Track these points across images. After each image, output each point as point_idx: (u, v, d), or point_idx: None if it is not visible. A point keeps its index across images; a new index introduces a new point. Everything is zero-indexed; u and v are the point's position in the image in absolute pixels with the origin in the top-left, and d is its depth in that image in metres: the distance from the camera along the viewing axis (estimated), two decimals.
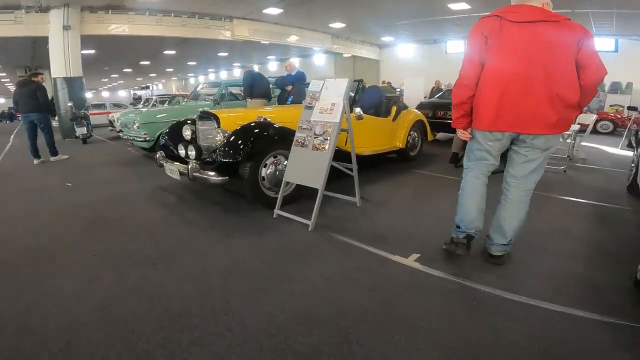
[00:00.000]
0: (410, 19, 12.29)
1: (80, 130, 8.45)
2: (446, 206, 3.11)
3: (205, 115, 3.49)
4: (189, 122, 3.88)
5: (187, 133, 3.75)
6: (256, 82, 6.22)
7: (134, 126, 5.77)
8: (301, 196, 3.31)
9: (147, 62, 20.61)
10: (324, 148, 2.81)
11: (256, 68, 27.25)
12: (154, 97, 12.68)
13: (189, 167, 3.06)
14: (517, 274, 2.12)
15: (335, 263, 2.28)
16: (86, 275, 2.15)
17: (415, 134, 5.30)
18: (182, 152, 3.54)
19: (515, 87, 1.84)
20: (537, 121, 1.85)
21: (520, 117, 1.87)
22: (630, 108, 8.10)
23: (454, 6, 10.22)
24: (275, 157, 3.22)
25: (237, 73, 28.53)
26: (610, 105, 12.24)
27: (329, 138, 2.80)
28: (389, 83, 15.25)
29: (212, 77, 30.55)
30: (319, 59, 20.21)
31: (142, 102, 13.97)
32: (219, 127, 3.33)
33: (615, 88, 12.63)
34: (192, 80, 33.68)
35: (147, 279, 2.11)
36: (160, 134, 5.55)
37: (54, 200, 3.80)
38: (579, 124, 5.65)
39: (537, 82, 1.80)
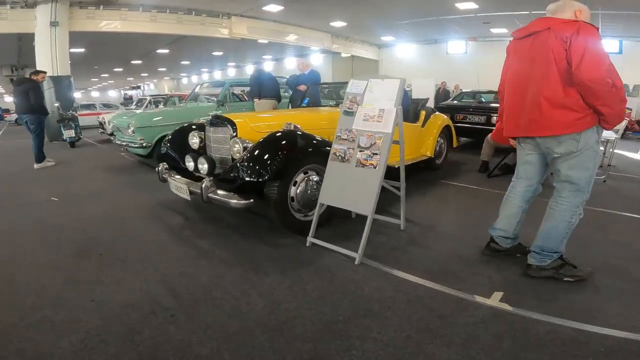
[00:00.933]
0: (414, 18, 11.92)
1: (68, 133, 7.81)
2: None
3: (219, 121, 2.97)
4: (194, 127, 3.38)
5: (194, 141, 3.24)
6: (265, 82, 5.75)
7: (129, 130, 5.20)
8: (333, 216, 2.84)
9: (139, 62, 19.86)
10: (372, 164, 2.33)
11: (252, 68, 26.87)
12: (148, 98, 11.99)
13: (203, 185, 2.53)
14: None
15: (404, 310, 1.81)
16: (82, 333, 1.63)
17: (442, 140, 4.87)
18: (189, 164, 3.02)
19: (514, 98, 2.12)
20: (533, 125, 2.00)
21: (520, 123, 2.07)
22: None
23: (461, 5, 9.88)
24: (305, 172, 2.73)
25: (232, 73, 27.92)
26: None
27: (378, 152, 2.33)
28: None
29: (205, 77, 29.85)
30: (316, 59, 19.71)
31: (134, 103, 13.25)
32: (236, 135, 2.83)
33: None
34: (184, 80, 32.86)
35: (168, 336, 1.61)
36: (159, 140, 5.02)
37: (35, 219, 3.24)
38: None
39: (526, 89, 2.00)
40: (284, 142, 2.54)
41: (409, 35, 15.39)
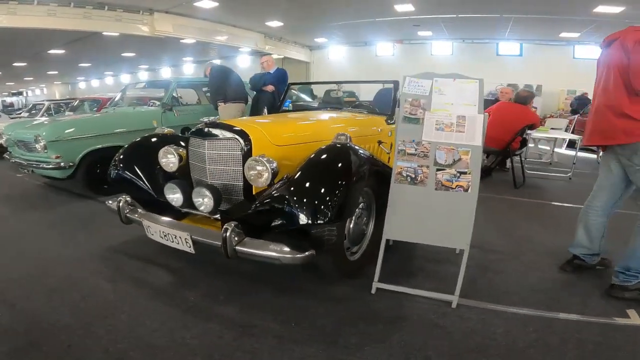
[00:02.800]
0: (351, 19, 11.86)
1: None
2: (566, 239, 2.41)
3: (220, 131, 2.10)
4: (161, 139, 2.54)
5: (169, 160, 2.34)
6: (230, 81, 4.83)
7: (37, 146, 3.79)
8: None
9: (24, 64, 16.27)
10: (461, 187, 1.84)
11: (169, 71, 24.37)
12: (46, 103, 9.36)
13: (227, 235, 1.69)
14: None
15: (558, 350, 1.46)
16: None
17: None
18: (173, 196, 2.09)
19: (591, 107, 2.15)
20: (600, 133, 2.02)
21: (592, 131, 2.08)
22: (573, 112, 8.99)
23: (399, 7, 10.06)
24: None
25: (144, 76, 25.01)
26: None
27: (467, 170, 1.84)
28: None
29: (109, 80, 26.27)
30: (243, 61, 18.60)
31: (25, 110, 10.35)
32: (250, 151, 2.03)
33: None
34: (82, 85, 28.36)
35: None
36: (85, 157, 3.80)
37: None
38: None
39: (600, 99, 2.02)
40: (343, 163, 1.84)
41: (342, 37, 15.44)
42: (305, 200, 1.69)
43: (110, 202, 2.34)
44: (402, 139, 1.98)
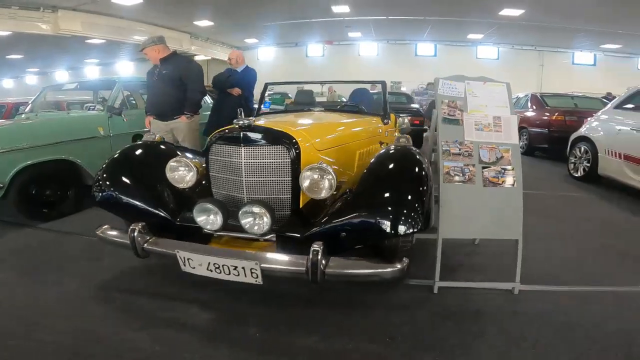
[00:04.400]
0: (286, 19, 11.82)
1: None
2: None
3: (256, 137, 1.84)
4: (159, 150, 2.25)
5: (184, 175, 1.99)
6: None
7: None
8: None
9: None
10: (504, 182, 1.99)
11: (66, 74, 21.15)
12: None
13: (318, 258, 1.50)
14: None
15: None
16: None
17: None
18: (208, 219, 1.77)
19: None
20: None
21: None
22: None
23: (336, 9, 10.35)
24: None
25: (33, 80, 21.49)
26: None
27: (509, 167, 2.00)
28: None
29: None
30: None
31: None
32: (298, 159, 1.84)
33: None
34: None
35: None
36: (17, 174, 2.95)
37: None
38: None
39: None
40: (419, 168, 1.76)
41: (273, 38, 15.28)
42: (395, 209, 1.62)
43: (104, 232, 1.93)
44: (445, 140, 2.06)
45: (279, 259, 1.64)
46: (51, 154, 3.22)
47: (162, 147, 2.34)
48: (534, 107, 7.46)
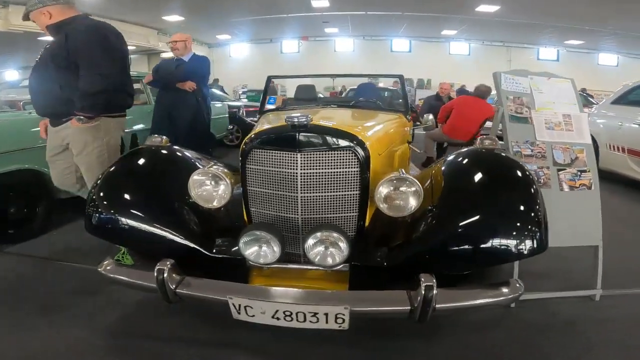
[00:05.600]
0: (262, 14, 11.34)
1: None
2: None
3: (318, 140, 1.46)
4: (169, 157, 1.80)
5: (207, 190, 1.59)
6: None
7: None
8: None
9: None
10: (584, 185, 1.83)
11: (16, 74, 19.24)
12: None
13: (433, 294, 1.21)
14: None
15: None
16: None
17: None
18: (261, 251, 1.39)
19: None
20: None
21: None
22: None
23: (315, 3, 10.06)
24: None
25: None
26: (420, 99, 15.47)
27: (585, 168, 1.84)
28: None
29: None
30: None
31: None
32: (367, 167, 1.50)
33: (421, 84, 16.01)
34: None
35: None
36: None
37: None
38: None
39: None
40: (523, 174, 1.50)
41: (247, 34, 14.69)
42: (519, 227, 1.35)
43: (112, 270, 1.46)
44: (515, 140, 1.87)
45: (372, 299, 1.32)
46: (13, 163, 2.62)
47: (176, 153, 1.88)
48: None
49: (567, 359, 1.51)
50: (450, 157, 1.66)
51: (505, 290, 1.31)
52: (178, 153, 1.90)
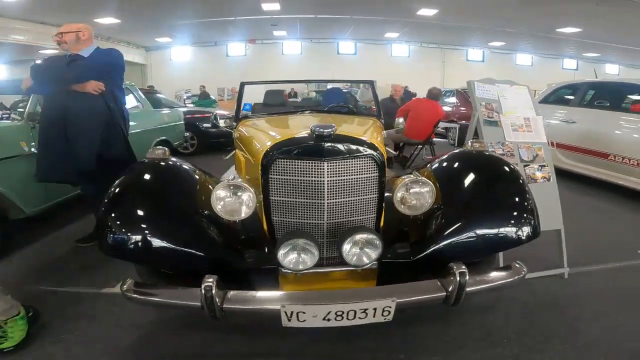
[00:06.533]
0: (206, 17, 10.97)
1: None
2: None
3: (343, 148, 1.56)
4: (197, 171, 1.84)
5: (236, 205, 1.57)
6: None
7: None
8: None
9: None
10: (545, 178, 2.16)
11: None
12: None
13: (466, 280, 1.40)
14: None
15: None
16: None
17: None
18: (300, 258, 1.45)
19: None
20: None
21: None
22: None
23: (266, 6, 10.00)
24: None
25: None
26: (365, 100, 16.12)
27: (545, 163, 2.17)
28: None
29: None
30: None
31: None
32: (383, 171, 1.65)
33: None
34: None
35: None
36: None
37: None
38: None
39: None
40: (509, 167, 1.81)
41: (189, 37, 14.07)
42: (518, 216, 1.60)
43: (136, 290, 1.42)
44: (490, 141, 2.15)
45: (412, 290, 1.46)
46: None
47: (182, 165, 1.82)
48: (459, 103, 8.36)
49: (571, 330, 1.78)
50: (445, 160, 1.88)
51: (512, 272, 1.54)
52: (184, 165, 1.84)
